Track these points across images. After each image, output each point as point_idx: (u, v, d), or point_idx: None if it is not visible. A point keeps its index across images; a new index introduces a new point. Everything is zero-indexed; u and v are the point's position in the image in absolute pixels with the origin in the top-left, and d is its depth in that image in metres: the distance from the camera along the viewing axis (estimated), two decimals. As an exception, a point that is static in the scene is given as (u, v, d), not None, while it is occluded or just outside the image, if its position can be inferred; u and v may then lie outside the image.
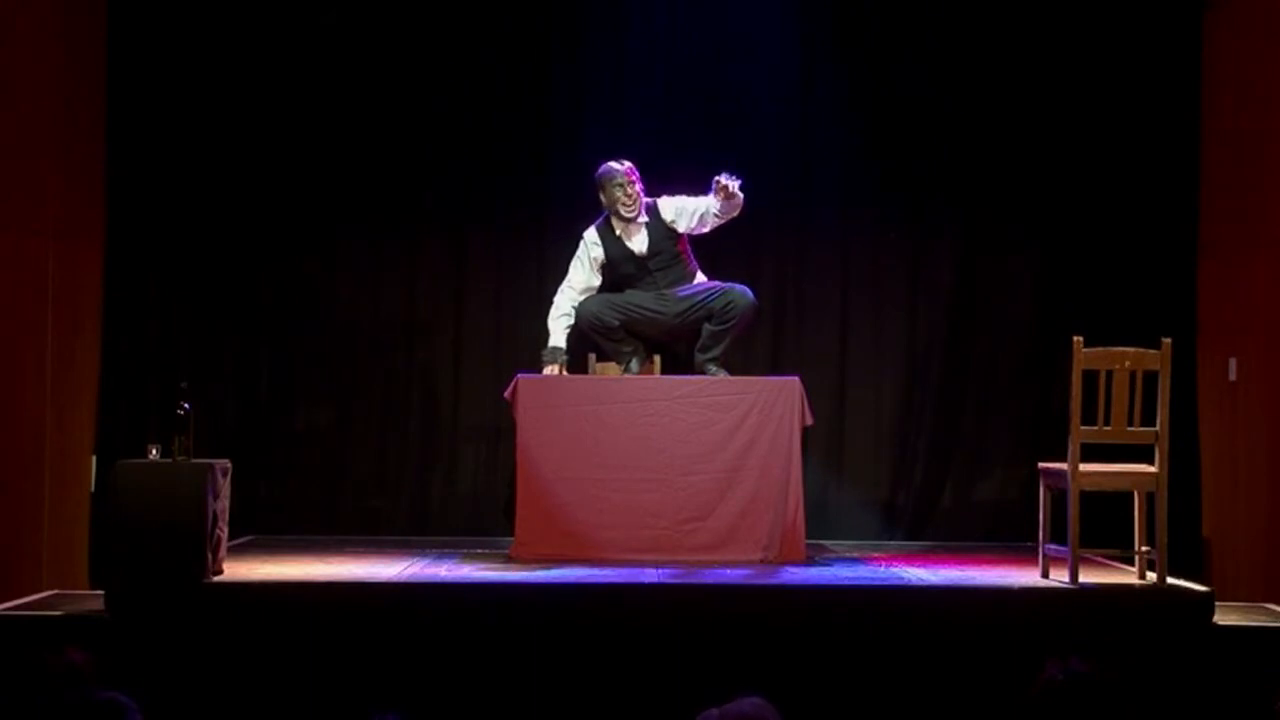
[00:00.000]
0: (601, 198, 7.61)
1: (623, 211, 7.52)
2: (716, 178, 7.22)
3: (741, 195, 7.27)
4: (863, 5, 8.72)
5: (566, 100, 8.69)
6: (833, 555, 7.69)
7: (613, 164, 7.56)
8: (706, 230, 7.57)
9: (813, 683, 5.96)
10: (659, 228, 7.58)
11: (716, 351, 7.47)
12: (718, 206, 7.35)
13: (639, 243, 7.59)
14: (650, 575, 6.63)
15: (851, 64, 8.71)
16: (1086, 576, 6.54)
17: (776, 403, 7.23)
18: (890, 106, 8.69)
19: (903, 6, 8.69)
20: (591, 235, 7.67)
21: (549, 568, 6.81)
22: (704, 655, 5.99)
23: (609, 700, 5.99)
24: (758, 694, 3.19)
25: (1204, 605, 6.34)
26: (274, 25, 8.50)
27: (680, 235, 7.62)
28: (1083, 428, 6.39)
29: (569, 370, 7.57)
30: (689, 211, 7.52)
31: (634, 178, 7.54)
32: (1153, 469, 6.42)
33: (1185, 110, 8.38)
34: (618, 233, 7.61)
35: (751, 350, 8.50)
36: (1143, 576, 6.63)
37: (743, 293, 7.49)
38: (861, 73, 8.71)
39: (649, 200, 7.60)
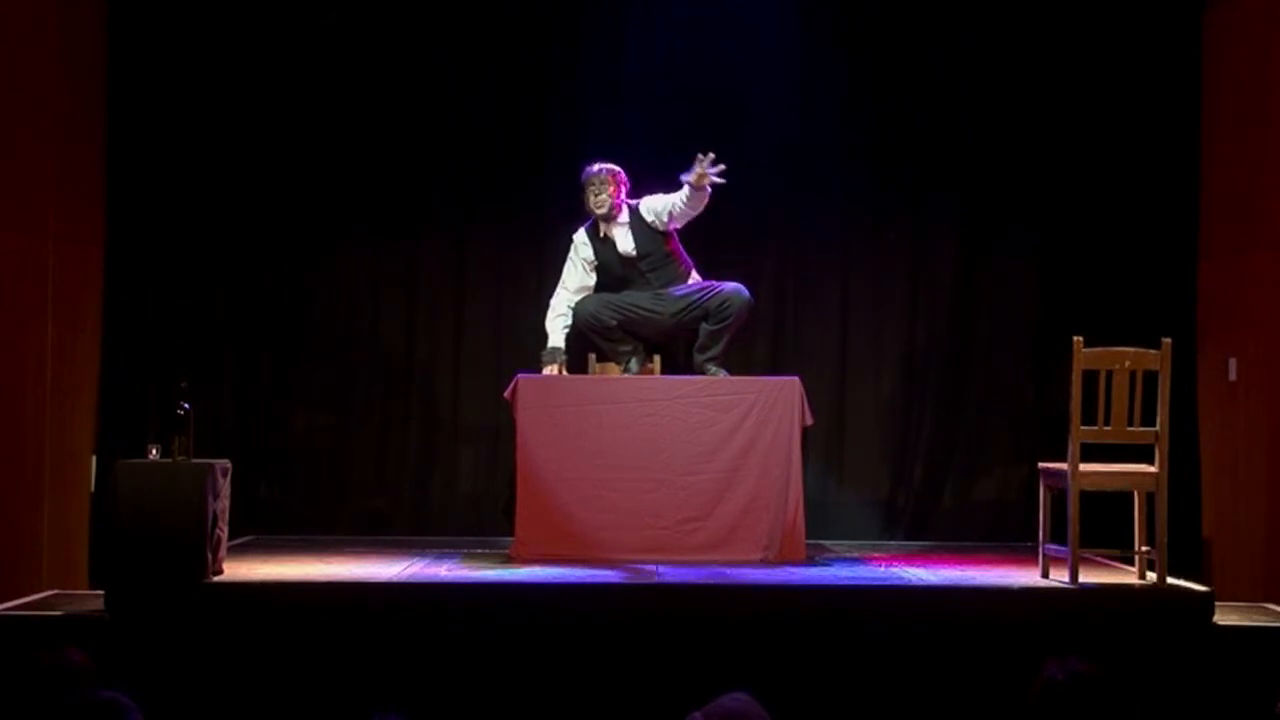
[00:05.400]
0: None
1: (595, 210, 7.54)
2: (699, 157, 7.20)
3: (708, 189, 7.26)
4: (864, 6, 8.72)
5: (566, 100, 8.68)
6: (833, 555, 7.68)
7: (589, 166, 7.58)
8: (678, 225, 7.58)
9: (813, 683, 5.96)
10: (643, 229, 7.59)
11: (715, 351, 7.46)
12: (685, 200, 7.33)
13: (625, 244, 7.60)
14: (650, 575, 6.63)
15: (852, 64, 8.71)
16: (1086, 576, 6.54)
17: (776, 403, 7.23)
18: (890, 106, 8.68)
19: (903, 7, 8.69)
20: (581, 236, 7.70)
21: (549, 568, 6.81)
22: (704, 655, 5.99)
23: (609, 700, 5.98)
24: (744, 690, 3.19)
25: (1204, 605, 6.34)
26: (274, 25, 8.50)
27: (667, 235, 7.62)
28: (1083, 428, 6.39)
29: (569, 370, 7.57)
30: (658, 209, 7.52)
31: (611, 176, 7.53)
32: (1153, 469, 6.42)
33: (1185, 110, 8.38)
34: (603, 234, 7.62)
35: (751, 350, 8.50)
36: (1143, 576, 6.63)
37: (737, 291, 7.50)
38: (862, 73, 8.71)
39: (633, 202, 7.60)
